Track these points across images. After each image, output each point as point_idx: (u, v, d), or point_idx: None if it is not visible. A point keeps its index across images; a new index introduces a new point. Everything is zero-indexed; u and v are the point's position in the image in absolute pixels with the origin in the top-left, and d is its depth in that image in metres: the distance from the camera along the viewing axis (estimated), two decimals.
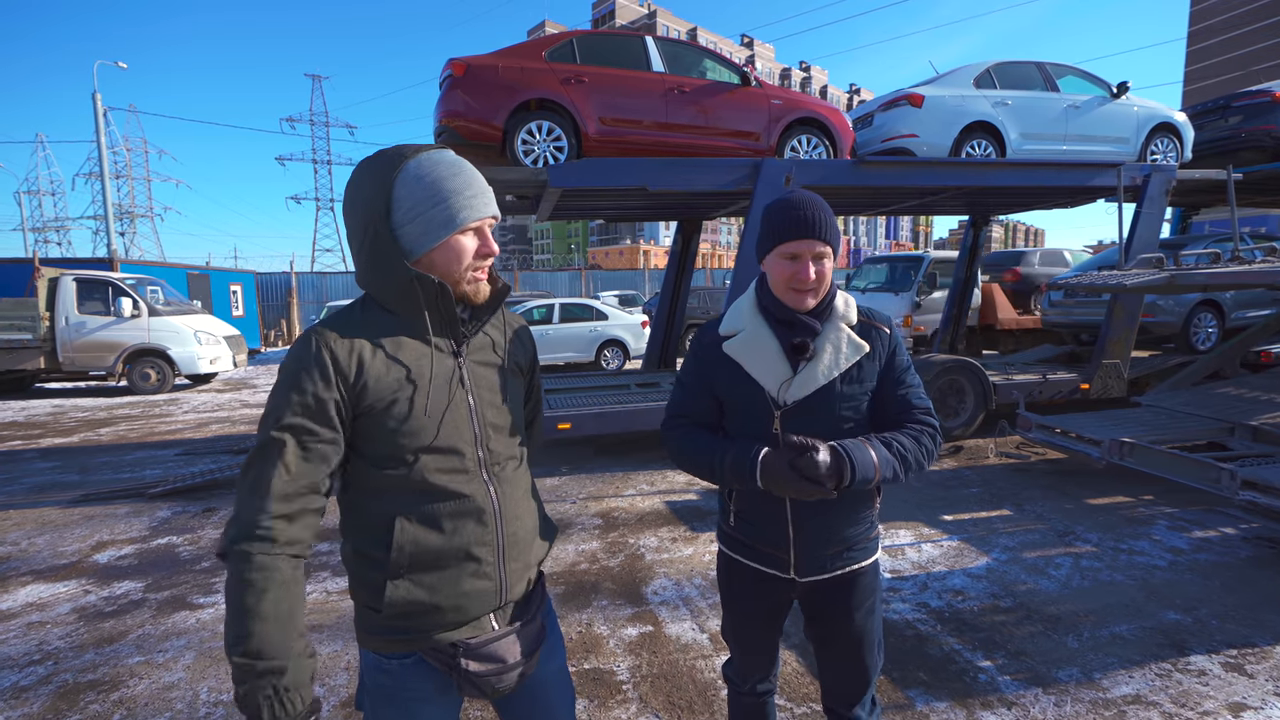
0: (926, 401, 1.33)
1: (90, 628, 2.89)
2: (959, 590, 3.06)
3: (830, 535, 1.32)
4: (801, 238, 1.24)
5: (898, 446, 1.23)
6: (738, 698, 1.57)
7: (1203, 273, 4.13)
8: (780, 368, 1.28)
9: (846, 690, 1.41)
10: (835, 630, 1.38)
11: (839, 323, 1.30)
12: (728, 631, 1.52)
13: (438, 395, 1.01)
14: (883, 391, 1.31)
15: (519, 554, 1.09)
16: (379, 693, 1.05)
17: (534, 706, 1.15)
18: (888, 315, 1.37)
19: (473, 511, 1.03)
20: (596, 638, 2.71)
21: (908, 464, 1.23)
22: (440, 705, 1.08)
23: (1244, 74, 35.02)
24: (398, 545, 0.98)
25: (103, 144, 18.92)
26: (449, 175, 1.00)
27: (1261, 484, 3.27)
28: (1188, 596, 2.96)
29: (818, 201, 1.27)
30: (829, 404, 1.27)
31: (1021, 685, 2.32)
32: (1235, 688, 2.29)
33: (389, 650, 1.03)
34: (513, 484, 1.10)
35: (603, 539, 3.82)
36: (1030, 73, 6.17)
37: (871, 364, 1.30)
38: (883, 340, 1.32)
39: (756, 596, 1.41)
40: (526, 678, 1.10)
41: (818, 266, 1.25)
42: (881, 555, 1.41)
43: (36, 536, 4.05)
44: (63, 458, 6.10)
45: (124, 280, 10.06)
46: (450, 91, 4.94)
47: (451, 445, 1.01)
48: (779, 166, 5.15)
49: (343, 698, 2.33)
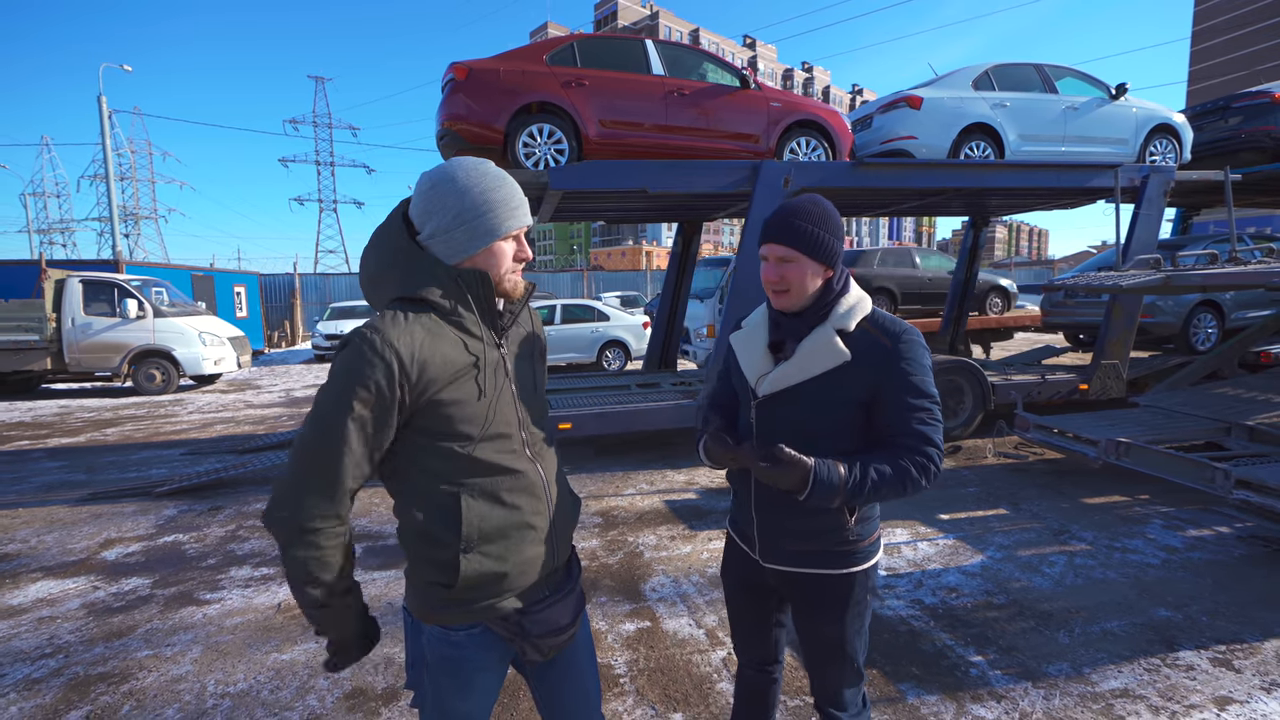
0: (929, 429, 1.23)
1: (99, 622, 2.95)
2: (953, 587, 3.10)
3: (786, 527, 1.35)
4: (766, 241, 1.31)
5: (873, 477, 1.19)
6: (743, 672, 1.60)
7: (1198, 274, 4.16)
8: (762, 362, 1.36)
9: (820, 690, 1.45)
10: (805, 632, 1.42)
11: (829, 327, 1.28)
12: (728, 605, 1.59)
13: (489, 384, 1.10)
14: (878, 406, 1.26)
15: (563, 521, 1.22)
16: (442, 665, 1.13)
17: (568, 669, 1.27)
18: (907, 326, 1.28)
19: (526, 486, 1.14)
20: (595, 633, 2.76)
21: (875, 495, 1.20)
22: (495, 674, 1.19)
23: (1248, 74, 34.94)
24: (467, 521, 1.07)
25: (108, 146, 19.06)
26: (494, 187, 1.09)
27: (1255, 483, 3.30)
28: (1179, 594, 3.00)
29: (801, 209, 1.28)
30: (797, 404, 1.30)
31: (1012, 679, 2.36)
32: (1222, 682, 2.32)
33: (458, 622, 1.12)
34: (550, 461, 1.22)
35: (602, 537, 3.86)
36: (1029, 74, 6.20)
37: (859, 373, 1.25)
38: (878, 351, 1.25)
39: (738, 569, 1.51)
40: (571, 640, 1.22)
41: (780, 269, 1.29)
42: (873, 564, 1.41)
43: (45, 534, 4.11)
44: (70, 457, 6.17)
45: (129, 282, 10.15)
46: (452, 95, 5.00)
47: (501, 429, 1.11)
48: (778, 168, 5.19)
49: (346, 690, 2.39)
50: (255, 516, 4.38)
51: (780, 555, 1.38)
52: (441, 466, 1.08)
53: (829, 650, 1.39)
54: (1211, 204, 8.21)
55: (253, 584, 3.32)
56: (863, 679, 1.44)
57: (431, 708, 1.16)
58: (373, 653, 2.57)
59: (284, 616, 2.96)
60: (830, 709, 1.43)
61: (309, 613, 1.07)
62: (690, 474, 5.14)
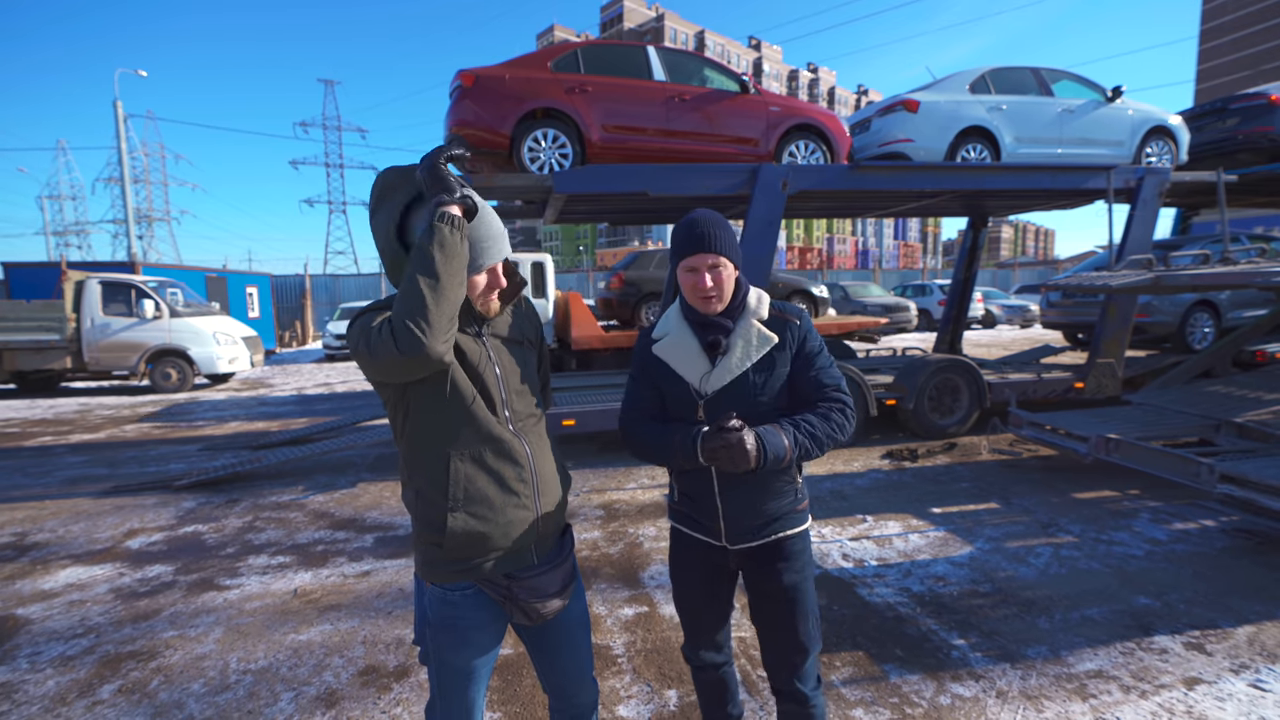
0: (837, 379, 1.48)
1: (127, 605, 3.12)
2: (940, 576, 3.22)
3: (753, 508, 1.49)
4: (694, 253, 1.42)
5: (806, 426, 1.39)
6: (698, 674, 1.71)
7: (1187, 274, 4.25)
8: (700, 363, 1.47)
9: (787, 661, 1.52)
10: (769, 591, 1.51)
11: (750, 319, 1.47)
12: (677, 602, 1.67)
13: (468, 364, 1.25)
14: (796, 375, 1.47)
15: (547, 489, 1.35)
16: (441, 623, 1.28)
17: (563, 638, 1.42)
18: (800, 308, 1.53)
19: (508, 454, 1.28)
20: (595, 617, 2.90)
21: (818, 440, 1.40)
22: (490, 634, 1.33)
23: (1255, 73, 34.66)
24: (454, 480, 1.23)
25: (123, 150, 19.41)
26: (474, 224, 1.23)
27: (1238, 477, 3.40)
28: (1160, 583, 3.10)
29: (711, 219, 1.44)
30: (744, 391, 1.44)
31: (991, 661, 2.48)
32: (1193, 664, 2.43)
33: (452, 581, 1.27)
34: (536, 435, 1.36)
35: (604, 528, 4.00)
36: (1025, 78, 6.29)
37: (783, 353, 1.46)
38: (792, 330, 1.47)
39: (697, 563, 1.60)
40: (562, 609, 1.37)
41: (714, 275, 1.42)
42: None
43: (72, 524, 4.30)
44: (91, 452, 6.38)
45: (146, 283, 10.40)
46: (460, 101, 5.17)
47: (487, 402, 1.27)
48: (776, 171, 5.31)
49: (360, 668, 2.54)
50: (271, 509, 4.55)
51: (747, 532, 1.50)
52: (435, 433, 1.24)
53: (792, 606, 1.49)
54: (1210, 204, 8.25)
55: (270, 571, 3.48)
56: (818, 644, 1.54)
57: (434, 661, 1.31)
58: (384, 634, 2.75)
59: (300, 601, 3.11)
60: (793, 681, 1.52)
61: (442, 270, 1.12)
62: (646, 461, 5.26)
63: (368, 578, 3.36)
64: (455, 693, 1.31)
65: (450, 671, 1.30)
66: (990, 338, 16.68)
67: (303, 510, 4.49)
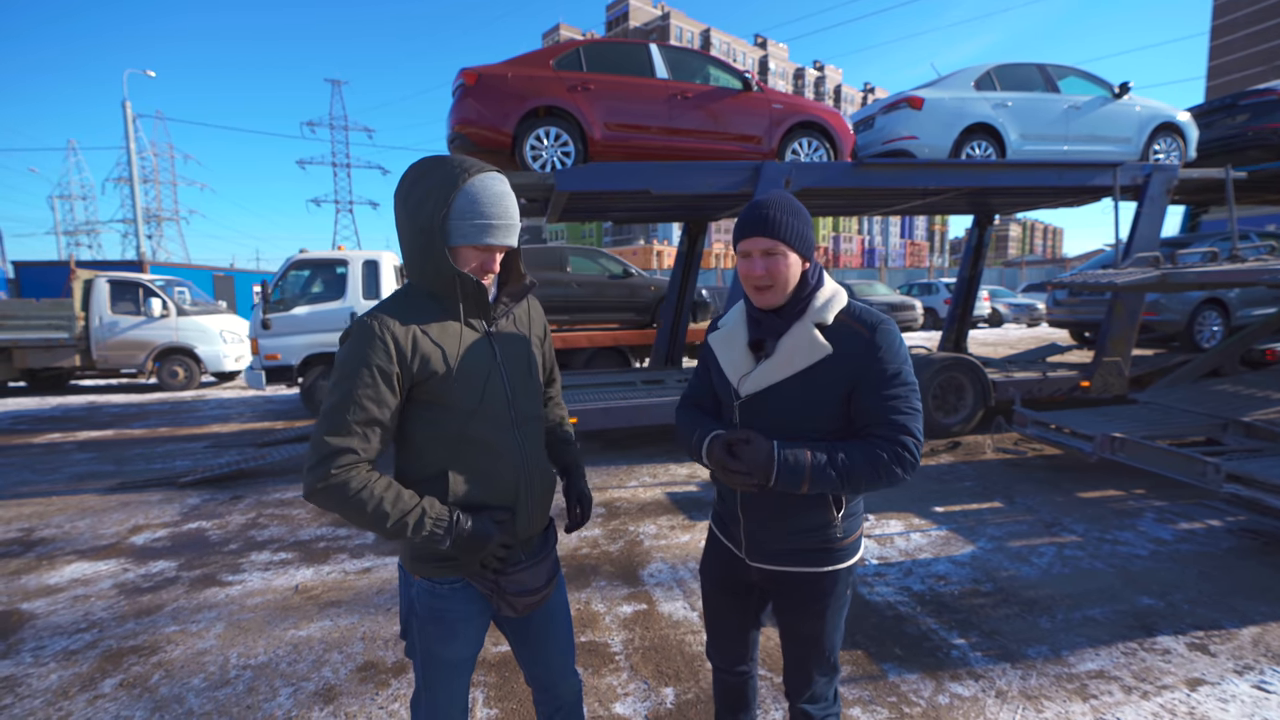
0: (907, 419, 1.22)
1: (130, 601, 3.14)
2: (942, 575, 3.20)
3: (773, 527, 1.36)
4: (747, 236, 1.29)
5: (842, 460, 1.20)
6: (714, 674, 1.68)
7: (1192, 271, 4.21)
8: (743, 362, 1.35)
9: (793, 683, 1.47)
10: (786, 628, 1.43)
11: (808, 322, 1.28)
12: (703, 601, 1.63)
13: (476, 367, 1.25)
14: (857, 398, 1.26)
15: (538, 489, 1.36)
16: (429, 614, 1.29)
17: (547, 629, 1.43)
18: (883, 318, 1.28)
19: (507, 455, 1.28)
20: (594, 614, 2.90)
21: (851, 478, 1.21)
22: (476, 626, 1.33)
23: (1268, 69, 34.25)
24: (451, 491, 1.23)
25: (132, 150, 19.56)
26: (493, 201, 1.22)
27: (1245, 477, 3.36)
28: (1164, 583, 3.07)
29: (780, 200, 1.29)
30: (781, 403, 1.30)
31: (991, 660, 2.46)
32: (1196, 665, 2.41)
33: (441, 575, 1.28)
34: (534, 438, 1.36)
35: (605, 526, 4.00)
36: (1031, 74, 6.24)
37: (839, 367, 1.25)
38: (859, 343, 1.25)
39: (721, 567, 1.53)
40: (545, 601, 1.39)
41: (767, 262, 1.27)
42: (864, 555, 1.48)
43: (78, 520, 4.34)
44: (98, 449, 6.44)
45: (154, 282, 10.47)
46: (462, 100, 5.17)
47: (490, 405, 1.26)
48: (779, 169, 5.29)
49: (359, 664, 2.55)
50: (274, 505, 4.57)
51: (767, 554, 1.39)
52: (436, 434, 1.24)
53: (808, 645, 1.41)
54: (1219, 202, 8.17)
55: (272, 567, 3.50)
56: (837, 673, 1.47)
57: (420, 654, 1.31)
58: (384, 630, 2.76)
59: (301, 597, 3.13)
60: (802, 704, 1.45)
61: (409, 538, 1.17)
62: (692, 468, 5.26)
63: (368, 574, 3.37)
64: (441, 685, 1.32)
65: (437, 664, 1.31)
66: (997, 336, 16.58)
67: (305, 507, 4.51)
